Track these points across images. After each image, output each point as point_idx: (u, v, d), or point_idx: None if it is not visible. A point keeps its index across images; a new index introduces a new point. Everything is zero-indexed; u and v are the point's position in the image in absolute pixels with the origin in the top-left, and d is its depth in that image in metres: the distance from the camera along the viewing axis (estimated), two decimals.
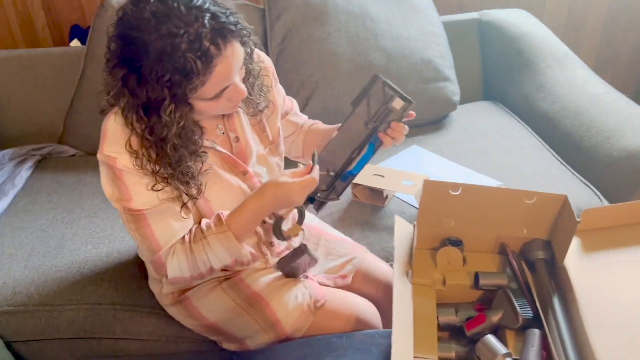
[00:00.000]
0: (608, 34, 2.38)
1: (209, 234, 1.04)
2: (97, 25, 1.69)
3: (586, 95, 1.68)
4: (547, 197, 1.04)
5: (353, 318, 1.14)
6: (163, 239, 1.02)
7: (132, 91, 0.90)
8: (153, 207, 1.00)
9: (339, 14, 1.73)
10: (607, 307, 0.93)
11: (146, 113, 0.92)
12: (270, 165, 1.16)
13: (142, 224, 1.01)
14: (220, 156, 1.07)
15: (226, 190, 1.07)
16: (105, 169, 0.99)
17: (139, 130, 0.94)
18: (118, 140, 0.96)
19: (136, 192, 0.98)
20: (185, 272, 1.05)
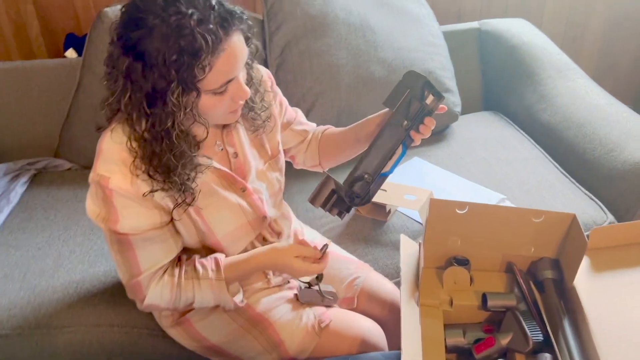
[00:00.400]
0: (607, 43, 2.37)
1: (204, 277, 1.03)
2: (94, 36, 1.66)
3: (588, 106, 1.67)
4: (556, 215, 1.02)
5: (359, 340, 1.12)
6: (146, 265, 1.00)
7: (136, 82, 0.87)
8: (139, 232, 0.97)
9: (339, 26, 1.71)
10: (619, 331, 0.91)
11: (150, 105, 0.88)
12: (269, 181, 1.13)
13: (125, 247, 0.98)
14: (219, 173, 1.04)
15: (225, 209, 1.05)
16: (95, 188, 0.95)
17: (140, 128, 0.91)
18: (113, 159, 0.93)
19: (124, 215, 0.95)
20: (163, 303, 1.04)
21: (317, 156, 1.24)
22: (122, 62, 0.87)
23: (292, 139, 1.23)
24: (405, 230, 1.43)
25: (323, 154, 1.23)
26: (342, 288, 1.23)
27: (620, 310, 0.94)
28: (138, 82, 0.87)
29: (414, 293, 1.03)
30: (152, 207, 0.97)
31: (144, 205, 0.96)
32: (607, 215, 1.45)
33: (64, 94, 1.74)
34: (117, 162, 0.93)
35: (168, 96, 0.87)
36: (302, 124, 1.25)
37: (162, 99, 0.87)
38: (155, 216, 0.98)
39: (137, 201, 0.95)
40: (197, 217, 1.02)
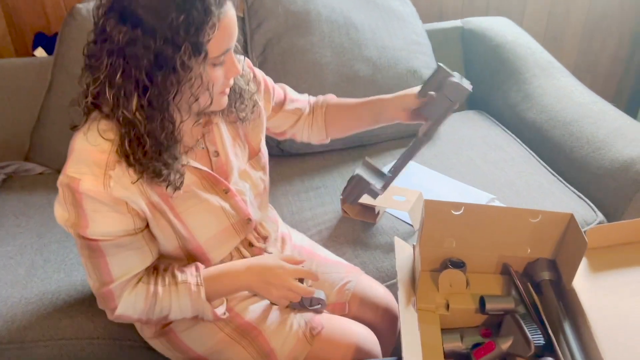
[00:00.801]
0: (586, 42, 2.39)
1: (182, 281, 0.97)
2: (65, 34, 1.59)
3: (574, 105, 1.66)
4: (553, 215, 1.00)
5: (352, 347, 1.08)
6: (117, 273, 0.94)
7: (135, 53, 0.81)
8: (111, 239, 0.91)
9: (322, 23, 1.67)
10: (622, 332, 0.89)
11: (150, 77, 0.83)
12: (253, 181, 1.09)
13: (95, 254, 0.92)
14: (200, 174, 0.99)
15: (207, 212, 1.00)
16: (64, 191, 0.89)
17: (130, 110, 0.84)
18: (85, 160, 0.87)
19: (94, 220, 0.89)
20: (136, 313, 0.98)
21: (324, 130, 1.22)
22: (117, 33, 0.81)
23: (287, 119, 1.20)
24: (395, 232, 1.40)
25: (330, 127, 1.22)
26: (333, 293, 1.19)
27: (621, 311, 0.93)
28: (137, 52, 0.81)
29: (411, 298, 1.00)
30: (126, 211, 0.91)
31: (116, 210, 0.90)
32: (597, 214, 1.44)
33: (34, 94, 1.67)
34: (89, 164, 0.87)
35: (177, 60, 0.81)
36: (293, 101, 1.21)
37: (167, 66, 0.82)
38: (128, 222, 0.92)
39: (109, 205, 0.89)
40: (176, 221, 0.97)
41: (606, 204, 1.47)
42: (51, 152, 1.65)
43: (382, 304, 1.20)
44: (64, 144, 1.63)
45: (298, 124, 1.21)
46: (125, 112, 0.84)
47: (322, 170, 1.65)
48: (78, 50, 1.60)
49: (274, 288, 0.99)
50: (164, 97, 0.85)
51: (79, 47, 1.58)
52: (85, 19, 1.58)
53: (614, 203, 1.45)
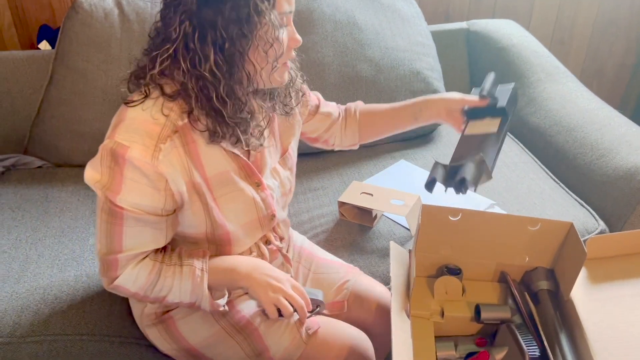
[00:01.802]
0: (594, 47, 2.36)
1: (187, 263, 0.96)
2: (67, 27, 1.58)
3: (579, 111, 1.64)
4: (552, 224, 0.98)
5: (345, 349, 1.06)
6: (129, 244, 0.93)
7: (209, 16, 0.83)
8: (136, 211, 0.90)
9: (326, 23, 1.65)
10: (619, 346, 0.87)
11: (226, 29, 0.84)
12: (282, 180, 1.09)
13: (114, 220, 0.91)
14: (239, 163, 0.99)
15: (241, 200, 1.00)
16: (105, 155, 0.88)
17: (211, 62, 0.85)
18: (138, 129, 0.87)
19: (128, 188, 0.88)
20: (135, 287, 0.97)
21: (357, 135, 1.25)
22: None
23: (322, 123, 1.22)
24: (392, 236, 1.38)
25: (364, 132, 1.25)
26: (332, 292, 1.18)
27: (619, 324, 0.91)
28: (211, 14, 0.83)
29: (404, 304, 0.98)
30: (163, 189, 0.90)
31: (154, 186, 0.89)
32: (599, 223, 1.42)
33: (35, 87, 1.66)
34: (142, 133, 0.87)
35: (251, 10, 0.83)
36: (326, 106, 1.23)
37: (242, 17, 0.84)
38: (160, 200, 0.91)
39: (149, 178, 0.88)
40: (213, 204, 0.96)
41: (608, 213, 1.44)
42: (50, 146, 1.64)
43: (380, 302, 1.18)
44: (63, 138, 1.65)
45: (332, 129, 1.24)
46: (206, 74, 0.86)
47: (321, 171, 1.63)
48: (79, 44, 1.60)
49: (270, 289, 0.96)
50: (240, 47, 0.86)
51: (80, 41, 1.59)
52: (87, 13, 1.57)
53: (616, 212, 1.42)
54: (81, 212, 1.45)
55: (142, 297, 0.99)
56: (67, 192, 1.52)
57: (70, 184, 1.56)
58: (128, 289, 0.97)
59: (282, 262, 1.14)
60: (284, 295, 0.96)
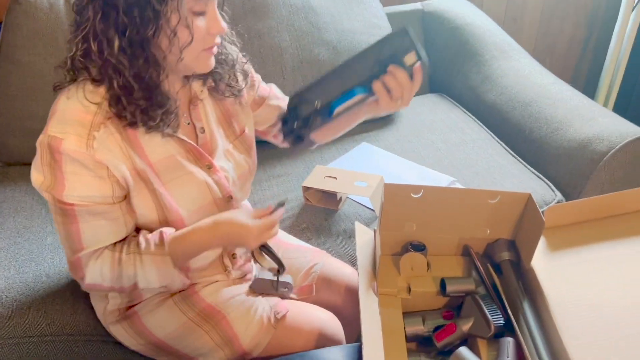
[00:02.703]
0: (545, 24, 2.41)
1: (146, 252, 0.95)
2: (10, 19, 1.51)
3: (533, 86, 1.67)
4: (511, 196, 1.00)
5: (315, 333, 1.07)
6: (88, 241, 0.92)
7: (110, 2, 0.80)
8: (86, 204, 0.89)
9: (280, 7, 1.63)
10: (579, 310, 0.90)
11: (128, 13, 0.81)
12: (236, 161, 1.07)
13: (69, 219, 0.90)
14: (185, 147, 0.98)
15: (191, 184, 0.98)
16: (43, 151, 0.87)
17: (115, 48, 0.83)
18: (69, 119, 0.86)
19: (72, 182, 0.87)
20: (105, 282, 0.95)
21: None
22: None
23: (270, 115, 1.18)
24: (358, 217, 1.39)
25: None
26: (300, 277, 1.18)
27: (578, 289, 0.94)
28: None
29: (371, 282, 0.99)
30: (106, 176, 0.89)
31: (96, 174, 0.88)
32: (556, 194, 1.46)
33: None
34: (73, 123, 0.85)
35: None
36: (278, 98, 1.19)
37: (142, 2, 0.81)
38: (107, 188, 0.90)
39: (89, 168, 0.87)
40: (162, 190, 0.95)
41: (565, 184, 1.48)
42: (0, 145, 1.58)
43: (348, 284, 1.19)
44: (12, 136, 1.59)
45: (279, 125, 1.19)
46: (110, 57, 0.84)
47: (284, 158, 1.62)
48: (24, 37, 1.54)
49: (244, 245, 0.96)
50: (143, 33, 0.83)
51: (24, 34, 1.52)
52: (30, 4, 1.50)
53: (572, 182, 1.47)
54: (36, 211, 1.40)
55: (119, 289, 0.98)
56: (21, 192, 1.47)
57: (23, 183, 1.50)
58: (101, 284, 0.96)
59: (245, 249, 1.13)
60: (254, 241, 0.95)
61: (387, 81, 0.97)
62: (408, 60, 0.97)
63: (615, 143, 1.42)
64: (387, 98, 0.98)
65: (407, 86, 0.97)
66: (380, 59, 0.97)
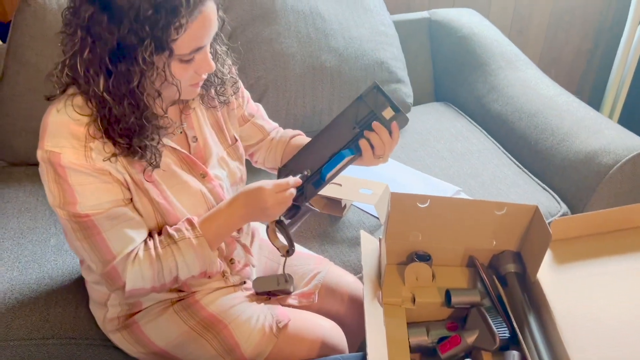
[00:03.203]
0: (551, 35, 2.41)
1: (180, 238, 0.94)
2: (19, 20, 1.52)
3: (539, 97, 1.67)
4: (518, 207, 1.00)
5: (318, 342, 1.06)
6: (117, 247, 0.91)
7: (99, 35, 0.79)
8: (102, 211, 0.88)
9: (288, 13, 1.64)
10: (585, 324, 0.89)
11: (113, 62, 0.81)
12: (230, 169, 1.07)
13: (91, 232, 0.89)
14: (178, 155, 0.98)
15: (187, 193, 0.98)
16: (47, 168, 0.87)
17: (98, 88, 0.83)
18: (62, 133, 0.85)
19: (82, 193, 0.86)
20: (147, 283, 0.94)
21: (280, 159, 1.18)
22: (84, 10, 0.80)
23: (253, 134, 1.17)
24: (362, 225, 1.39)
25: (286, 159, 1.16)
26: (302, 284, 1.18)
27: (585, 302, 0.93)
28: (101, 35, 0.79)
29: (376, 292, 0.98)
30: (111, 180, 0.89)
31: (102, 180, 0.88)
32: (561, 206, 1.46)
33: None
34: (67, 136, 0.85)
35: (139, 53, 0.80)
36: (263, 119, 1.19)
37: (129, 56, 0.81)
38: (116, 191, 0.90)
39: (93, 175, 0.87)
40: (159, 199, 0.95)
41: (570, 196, 1.48)
42: (4, 145, 1.58)
43: (351, 293, 1.18)
44: (18, 137, 1.59)
45: (261, 144, 1.19)
46: (95, 90, 0.83)
47: None
48: (32, 37, 1.54)
49: (265, 212, 0.96)
50: (127, 85, 0.83)
51: (32, 35, 1.53)
52: (40, 5, 1.51)
53: (577, 194, 1.46)
54: (40, 212, 1.40)
55: (160, 287, 0.97)
56: (25, 192, 1.47)
57: (27, 183, 1.50)
58: (143, 287, 0.95)
59: (243, 253, 1.13)
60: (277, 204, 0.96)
61: (372, 139, 1.00)
62: (386, 114, 1.01)
63: (622, 156, 1.41)
64: (371, 155, 1.02)
65: (388, 143, 1.01)
66: (360, 119, 1.02)
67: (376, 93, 1.01)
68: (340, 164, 1.02)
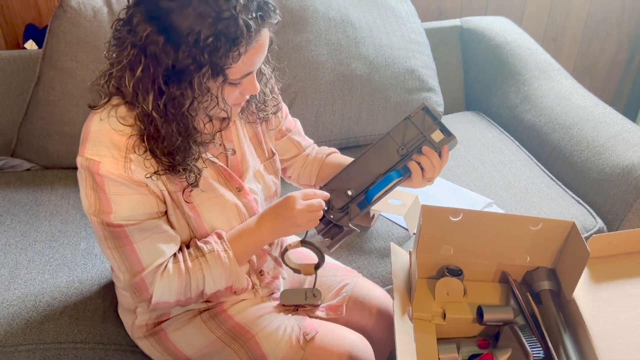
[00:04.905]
0: (586, 44, 2.36)
1: (209, 251, 0.95)
2: (55, 26, 1.54)
3: (574, 108, 1.63)
4: (554, 223, 0.97)
5: (345, 355, 1.05)
6: (147, 259, 0.91)
7: (155, 56, 0.80)
8: (135, 223, 0.89)
9: (319, 20, 1.63)
10: (622, 345, 0.86)
11: (167, 83, 0.81)
12: (266, 183, 1.07)
13: (122, 242, 0.89)
14: (216, 168, 0.98)
15: (221, 206, 0.98)
16: (85, 175, 0.87)
17: (147, 106, 0.83)
18: (103, 142, 0.85)
19: (117, 203, 0.87)
20: (173, 296, 0.95)
21: (315, 177, 1.18)
22: (141, 29, 0.80)
23: (289, 149, 1.17)
24: (391, 236, 1.37)
25: (321, 177, 1.17)
26: (330, 295, 1.17)
27: (623, 323, 0.90)
28: (157, 56, 0.80)
29: (406, 306, 0.97)
30: (147, 193, 0.89)
31: (139, 192, 0.88)
32: (597, 221, 1.41)
33: (22, 88, 1.62)
34: (108, 146, 0.85)
35: (194, 78, 0.81)
36: (300, 135, 1.19)
37: (184, 80, 0.81)
38: (151, 204, 0.90)
39: (131, 187, 0.87)
40: (191, 213, 0.95)
41: (606, 210, 1.44)
42: (38, 148, 1.61)
43: (380, 307, 1.17)
44: (51, 140, 1.61)
45: (295, 159, 1.19)
46: (144, 107, 0.84)
47: None
48: (67, 43, 1.57)
49: (293, 222, 0.96)
50: (179, 106, 0.84)
51: (68, 41, 1.55)
52: (76, 12, 1.53)
53: (613, 209, 1.42)
54: (72, 215, 1.42)
55: (185, 301, 0.98)
56: (57, 195, 1.49)
57: (59, 186, 1.52)
58: (168, 301, 0.95)
59: (274, 265, 1.12)
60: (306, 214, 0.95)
61: (422, 162, 0.99)
62: (436, 137, 0.99)
63: None
64: (421, 178, 1.01)
65: (438, 166, 1.00)
66: (407, 141, 1.00)
67: (424, 114, 1.00)
68: (387, 185, 1.00)
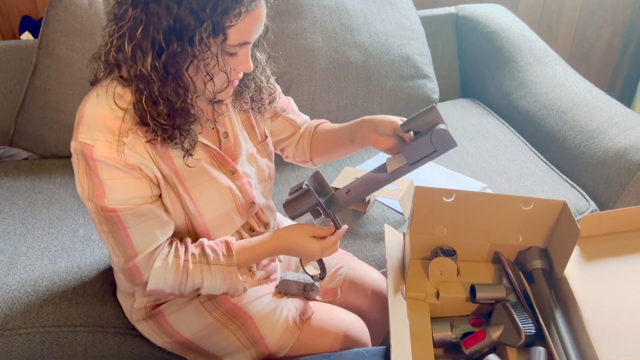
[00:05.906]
0: (581, 31, 2.37)
1: (214, 262, 0.96)
2: (51, 16, 1.55)
3: (568, 94, 1.64)
4: (545, 203, 0.99)
5: (341, 335, 1.06)
6: (141, 244, 0.92)
7: (157, 13, 0.80)
8: (129, 207, 0.89)
9: (314, 8, 1.64)
10: (614, 322, 0.88)
11: (167, 41, 0.81)
12: (259, 166, 1.08)
13: (116, 227, 0.90)
14: (209, 152, 0.98)
15: (215, 189, 0.99)
16: (79, 159, 0.87)
17: (146, 68, 0.83)
18: (97, 125, 0.85)
19: (111, 187, 0.87)
20: (167, 287, 0.96)
21: (309, 151, 1.18)
22: None
23: (284, 128, 1.17)
24: (386, 220, 1.38)
25: (314, 150, 1.18)
26: (326, 279, 1.18)
27: (613, 300, 0.91)
28: (159, 13, 0.80)
29: (400, 286, 0.98)
30: (141, 177, 0.90)
31: (133, 176, 0.88)
32: (590, 203, 1.43)
33: (19, 78, 1.63)
34: (102, 130, 0.85)
35: (195, 34, 0.81)
36: (294, 113, 1.19)
37: (185, 36, 0.81)
38: (145, 187, 0.90)
39: (124, 171, 0.87)
40: (186, 196, 0.95)
41: (599, 193, 1.45)
42: (36, 137, 1.62)
43: (375, 288, 1.18)
44: (49, 129, 1.62)
45: (291, 139, 1.19)
46: (142, 69, 0.84)
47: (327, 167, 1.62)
48: (63, 32, 1.57)
49: (311, 258, 1.01)
50: (178, 65, 0.84)
51: (64, 30, 1.56)
52: (71, 1, 1.54)
53: (606, 192, 1.43)
54: (70, 203, 1.43)
55: (179, 294, 1.00)
56: (55, 184, 1.50)
57: (57, 175, 1.53)
58: (162, 290, 0.97)
59: None
60: (319, 254, 0.99)
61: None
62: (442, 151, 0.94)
63: None
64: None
65: None
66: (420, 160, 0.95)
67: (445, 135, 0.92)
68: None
